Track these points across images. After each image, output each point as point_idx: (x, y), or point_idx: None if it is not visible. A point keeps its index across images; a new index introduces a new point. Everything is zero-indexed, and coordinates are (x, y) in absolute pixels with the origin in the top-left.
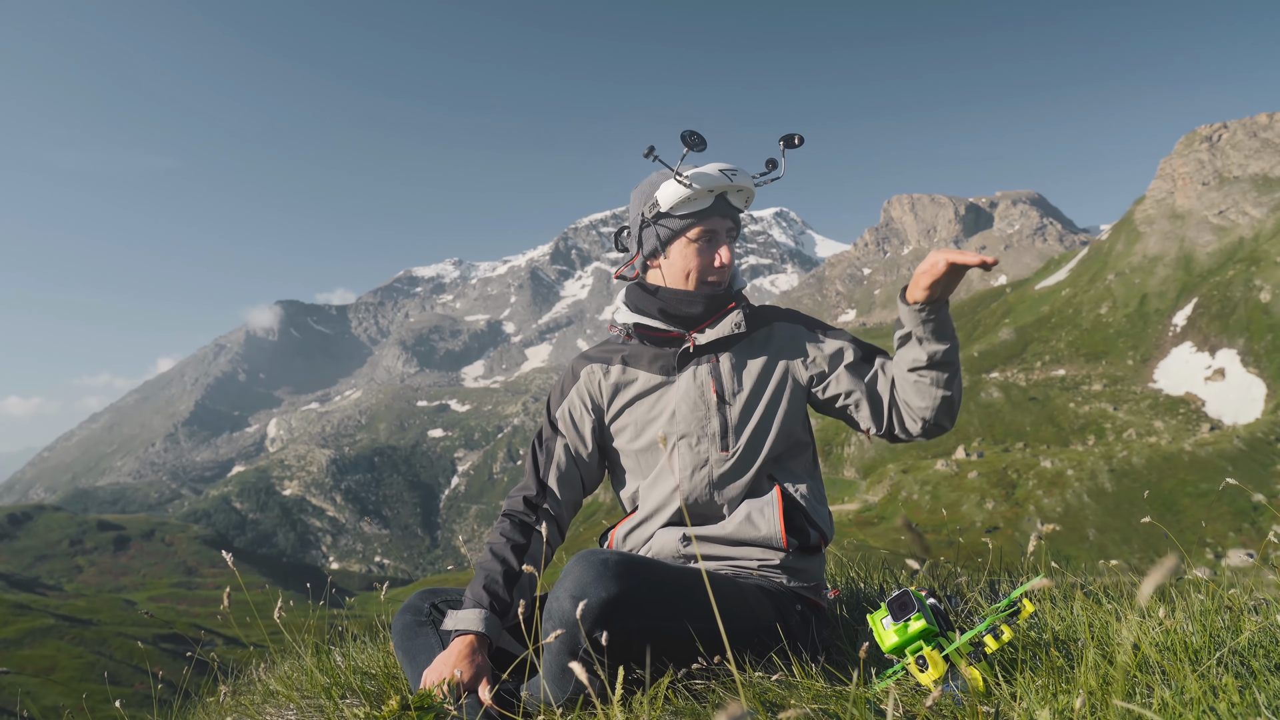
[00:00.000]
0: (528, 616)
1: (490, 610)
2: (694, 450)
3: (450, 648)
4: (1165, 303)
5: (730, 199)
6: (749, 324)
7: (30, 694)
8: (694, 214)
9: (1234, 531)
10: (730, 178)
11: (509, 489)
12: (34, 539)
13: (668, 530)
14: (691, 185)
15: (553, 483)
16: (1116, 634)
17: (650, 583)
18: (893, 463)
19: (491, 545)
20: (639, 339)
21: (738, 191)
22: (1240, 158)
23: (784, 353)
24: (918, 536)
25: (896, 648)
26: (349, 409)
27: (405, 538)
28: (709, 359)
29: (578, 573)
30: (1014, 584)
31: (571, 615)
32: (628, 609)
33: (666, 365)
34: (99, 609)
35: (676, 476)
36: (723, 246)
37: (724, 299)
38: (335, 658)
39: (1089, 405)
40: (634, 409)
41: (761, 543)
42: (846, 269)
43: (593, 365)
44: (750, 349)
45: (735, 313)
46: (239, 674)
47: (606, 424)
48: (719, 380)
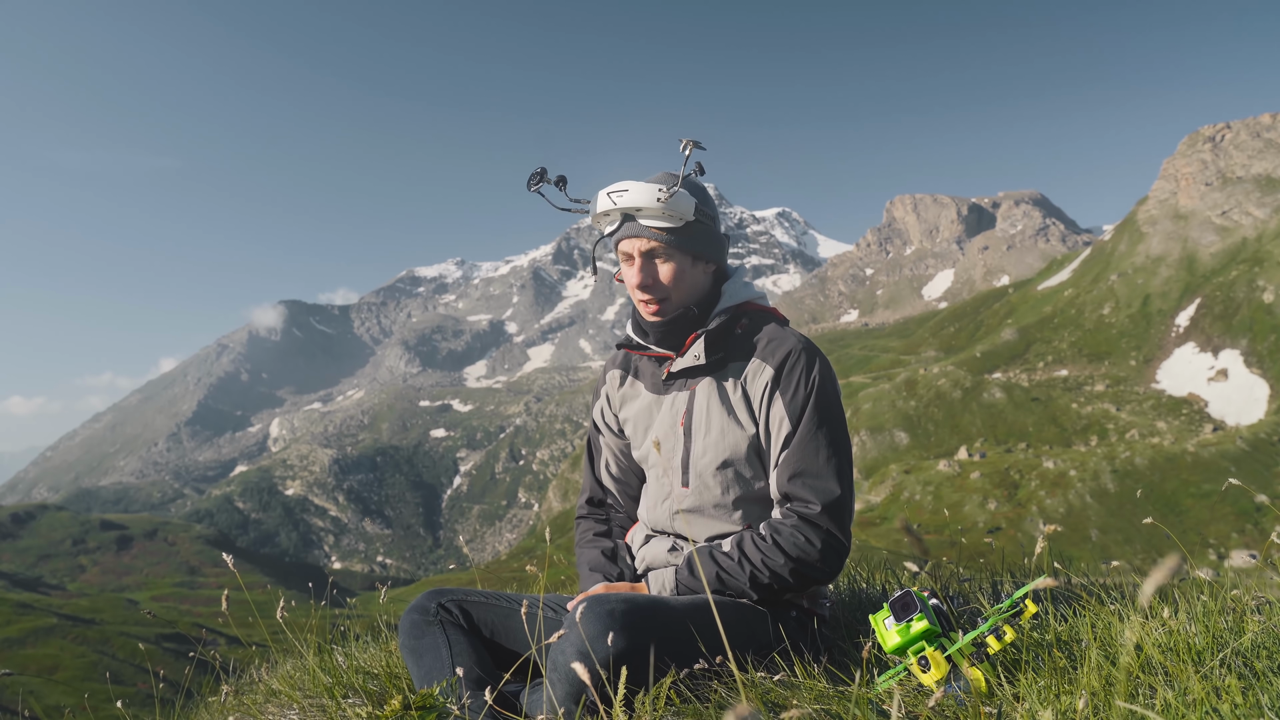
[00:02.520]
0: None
1: (606, 579)
2: (660, 482)
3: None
4: (1168, 303)
5: (641, 219)
6: (730, 351)
7: (33, 693)
8: (611, 234)
9: (1237, 532)
10: (614, 200)
11: (511, 489)
12: (37, 538)
13: (658, 540)
14: (586, 208)
15: (607, 479)
16: (1119, 635)
17: (656, 625)
18: (895, 463)
19: (580, 544)
20: (625, 362)
21: (638, 210)
22: (1243, 158)
23: (754, 392)
24: (917, 540)
25: (899, 648)
26: (351, 409)
27: (407, 538)
28: (689, 385)
29: (584, 625)
30: (1016, 584)
31: (579, 678)
32: (635, 659)
33: (658, 383)
34: (102, 608)
35: (650, 499)
36: (634, 267)
37: (688, 322)
38: (338, 657)
39: (1091, 406)
40: (634, 421)
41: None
42: (849, 269)
43: (615, 371)
44: (729, 380)
45: (698, 343)
46: (241, 674)
47: (621, 425)
48: (690, 413)
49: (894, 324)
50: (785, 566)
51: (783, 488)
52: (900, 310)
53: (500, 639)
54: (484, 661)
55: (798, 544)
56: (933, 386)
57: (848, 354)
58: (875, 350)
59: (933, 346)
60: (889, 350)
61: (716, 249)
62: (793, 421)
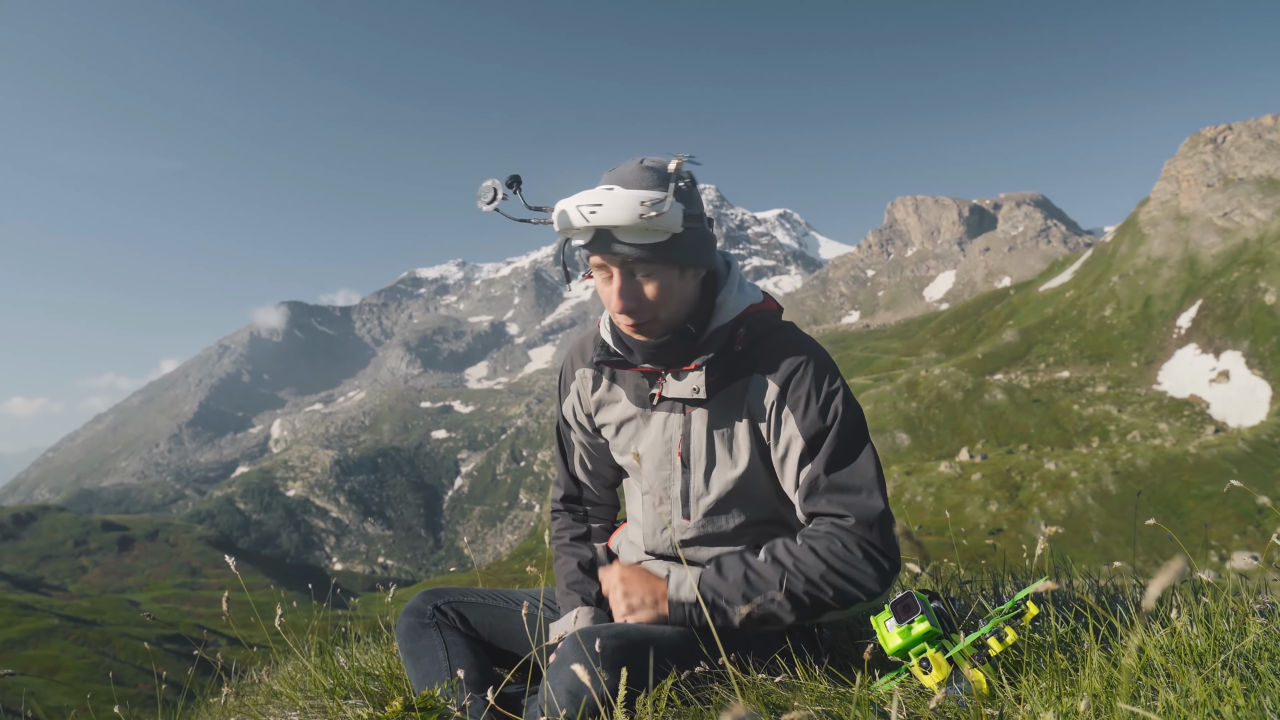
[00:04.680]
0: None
1: (584, 603)
2: (657, 511)
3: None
4: (1170, 305)
5: (620, 235)
6: (728, 370)
7: (34, 694)
8: (582, 247)
9: (1238, 534)
10: (585, 216)
11: (512, 490)
12: (38, 539)
13: (656, 564)
14: (548, 217)
15: (581, 473)
16: (1121, 637)
17: (649, 656)
18: (896, 465)
19: (557, 545)
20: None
21: (616, 229)
22: (1245, 159)
23: (759, 412)
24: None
25: (900, 650)
26: (353, 410)
27: (409, 539)
28: (685, 409)
29: (574, 663)
30: (1018, 586)
31: (574, 711)
32: (631, 687)
33: (643, 397)
34: (103, 609)
35: (641, 530)
36: (612, 287)
37: (681, 340)
38: (339, 659)
39: (1093, 407)
40: (614, 428)
41: None
42: (850, 270)
43: (586, 370)
44: (728, 404)
45: (697, 375)
46: (242, 675)
47: (597, 427)
48: (686, 440)
49: (895, 325)
50: (820, 572)
51: (806, 507)
52: (901, 311)
53: (498, 641)
54: (482, 663)
55: (834, 550)
56: (934, 388)
57: (849, 355)
58: (876, 352)
59: (934, 348)
60: (890, 352)
61: (706, 252)
62: (806, 437)
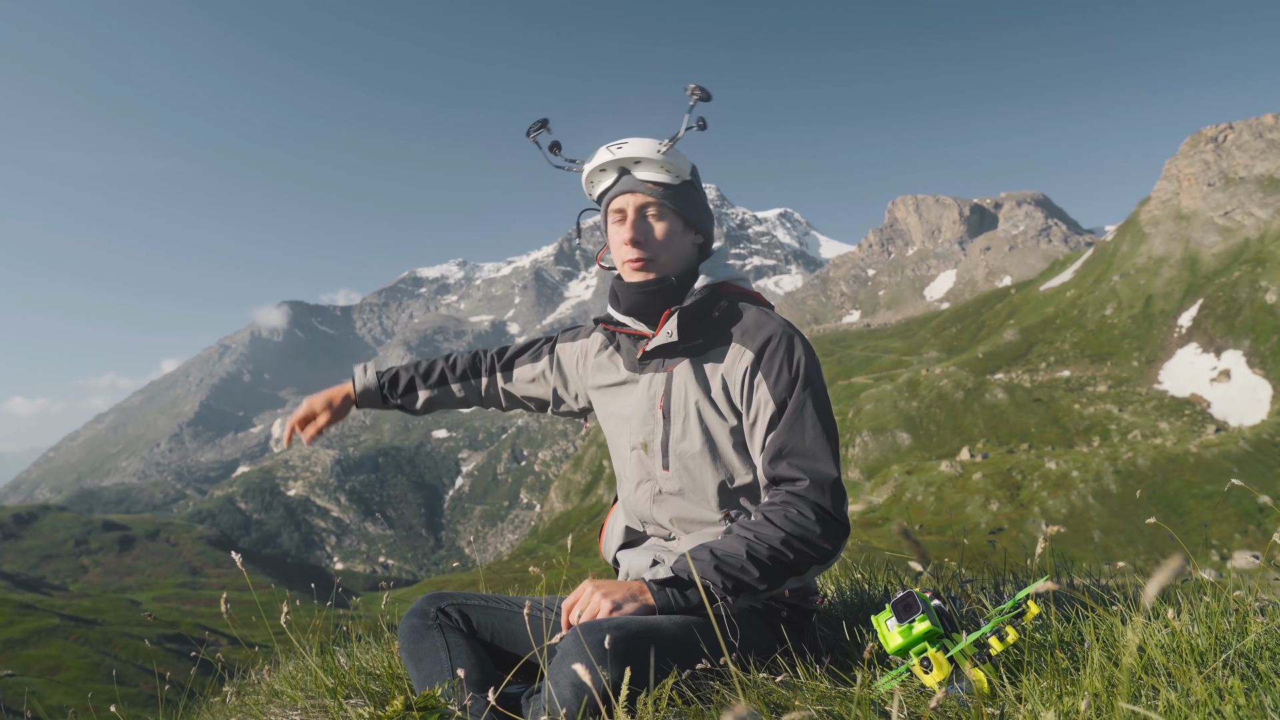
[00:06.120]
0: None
1: (379, 384)
2: (642, 463)
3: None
4: (1170, 304)
5: (638, 173)
6: (709, 336)
7: (35, 694)
8: (604, 193)
9: (1239, 533)
10: (613, 152)
11: (513, 489)
12: (39, 539)
13: (635, 552)
14: (581, 167)
15: (513, 370)
16: (1122, 636)
17: (651, 649)
18: (897, 464)
19: (443, 355)
20: (608, 334)
21: (636, 163)
22: (1246, 159)
23: (734, 378)
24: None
25: (901, 649)
26: None
27: (409, 538)
28: (666, 366)
29: (578, 657)
30: (1019, 586)
31: (575, 707)
32: (632, 685)
33: (633, 361)
34: (104, 609)
35: (627, 487)
36: (626, 223)
37: (665, 295)
38: (340, 658)
39: (1094, 406)
40: (604, 393)
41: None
42: (851, 270)
43: (597, 334)
44: (709, 361)
45: (671, 320)
46: (244, 674)
47: (587, 387)
48: (668, 396)
49: (896, 325)
50: (779, 538)
51: (769, 470)
52: (902, 311)
53: (500, 642)
54: (484, 664)
55: (789, 516)
56: (935, 387)
57: (850, 355)
58: (877, 351)
59: (935, 347)
60: (891, 351)
61: (706, 219)
62: (777, 403)
